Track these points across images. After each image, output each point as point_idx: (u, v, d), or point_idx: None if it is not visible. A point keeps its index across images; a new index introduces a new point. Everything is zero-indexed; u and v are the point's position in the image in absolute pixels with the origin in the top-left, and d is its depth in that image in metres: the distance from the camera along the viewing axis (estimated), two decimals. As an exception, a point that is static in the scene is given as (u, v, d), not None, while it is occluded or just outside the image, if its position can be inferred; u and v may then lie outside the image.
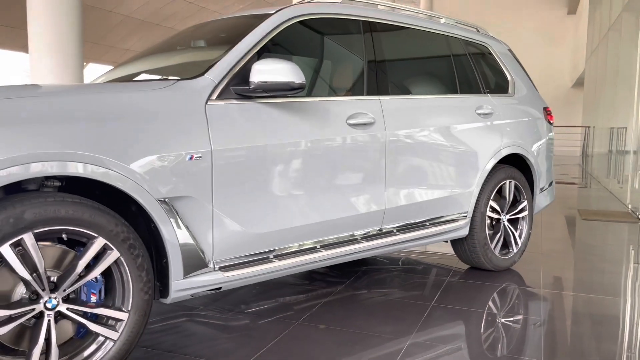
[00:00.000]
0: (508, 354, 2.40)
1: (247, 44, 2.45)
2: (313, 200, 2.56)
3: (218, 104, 2.27)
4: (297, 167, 2.48)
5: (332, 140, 2.62)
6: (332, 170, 2.63)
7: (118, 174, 1.91)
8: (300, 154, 2.49)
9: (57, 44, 6.27)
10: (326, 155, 2.60)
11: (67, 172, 1.80)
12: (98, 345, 1.95)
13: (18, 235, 1.72)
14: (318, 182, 2.57)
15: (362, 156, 2.76)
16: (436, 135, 3.17)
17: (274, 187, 2.40)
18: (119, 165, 1.91)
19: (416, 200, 3.07)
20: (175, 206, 2.08)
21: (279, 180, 2.42)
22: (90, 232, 1.87)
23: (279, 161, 2.41)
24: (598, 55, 12.62)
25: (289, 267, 2.50)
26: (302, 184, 2.51)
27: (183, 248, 2.11)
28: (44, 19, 6.21)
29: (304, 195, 2.52)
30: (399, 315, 2.85)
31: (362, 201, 2.78)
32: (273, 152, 2.38)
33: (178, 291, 2.14)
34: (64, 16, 6.27)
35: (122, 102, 2.03)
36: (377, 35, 3.05)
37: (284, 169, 2.43)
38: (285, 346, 2.43)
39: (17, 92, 1.91)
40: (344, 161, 2.68)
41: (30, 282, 1.78)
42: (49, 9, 6.21)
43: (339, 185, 2.67)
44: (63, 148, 1.79)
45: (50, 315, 1.83)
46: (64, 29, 6.31)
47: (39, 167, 1.74)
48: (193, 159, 2.12)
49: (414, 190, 3.05)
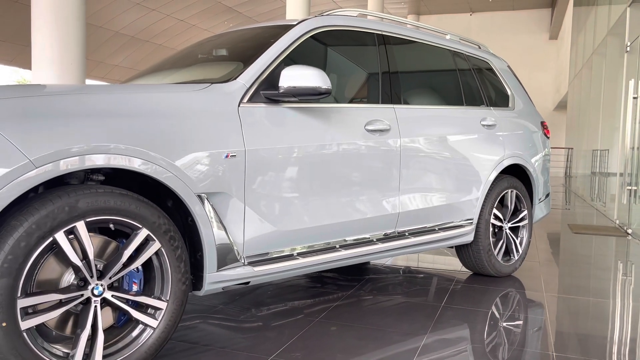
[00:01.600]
0: (518, 347, 2.52)
1: (274, 51, 2.59)
2: (335, 201, 2.68)
3: (249, 107, 2.39)
4: (320, 169, 2.60)
5: (352, 145, 2.75)
6: (352, 172, 2.75)
7: (163, 169, 2.01)
8: (324, 156, 2.62)
9: (59, 59, 6.35)
10: (347, 159, 2.72)
11: (116, 165, 1.90)
12: (139, 333, 2.03)
13: (72, 222, 1.81)
14: (339, 183, 2.69)
15: (379, 160, 2.89)
16: (445, 143, 3.32)
17: (299, 187, 2.52)
18: (164, 161, 2.01)
19: (427, 205, 3.20)
20: (211, 201, 2.18)
21: (304, 180, 2.54)
22: (135, 222, 1.96)
23: (304, 162, 2.53)
24: (581, 79, 13.04)
25: (311, 265, 2.60)
26: (325, 185, 2.63)
27: (217, 242, 2.21)
28: (47, 35, 6.30)
29: (326, 195, 2.64)
30: (412, 314, 2.96)
31: (378, 204, 2.90)
32: (299, 154, 2.50)
33: (211, 284, 2.23)
34: (67, 32, 6.37)
35: (165, 101, 2.15)
36: (390, 48, 3.21)
37: (308, 170, 2.55)
38: (308, 341, 2.52)
39: (73, 89, 2.01)
40: (362, 165, 2.81)
41: (81, 268, 1.86)
42: (52, 25, 6.31)
43: (358, 188, 2.79)
44: (114, 142, 1.89)
45: (96, 301, 1.91)
46: (68, 45, 6.41)
47: (92, 160, 1.83)
48: (228, 157, 2.23)
49: (425, 195, 3.18)
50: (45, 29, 6.32)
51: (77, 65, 6.49)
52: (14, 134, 1.71)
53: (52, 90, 2.01)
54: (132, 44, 23.80)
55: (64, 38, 6.33)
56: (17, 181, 1.68)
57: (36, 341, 1.79)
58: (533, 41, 24.21)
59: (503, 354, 2.44)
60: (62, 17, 6.32)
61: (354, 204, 2.78)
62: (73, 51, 6.41)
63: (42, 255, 1.80)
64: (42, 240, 1.75)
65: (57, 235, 1.78)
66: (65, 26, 6.33)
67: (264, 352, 2.36)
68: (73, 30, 6.41)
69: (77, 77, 6.50)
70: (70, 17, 6.38)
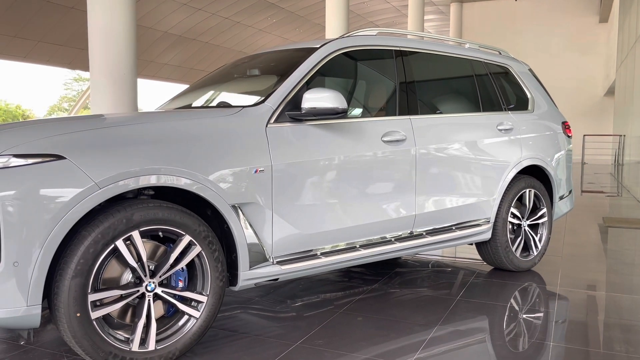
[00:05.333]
0: (529, 339, 2.79)
1: (298, 75, 2.93)
2: (354, 207, 3.01)
3: (276, 127, 2.75)
4: (340, 178, 2.94)
5: (369, 155, 3.07)
6: (369, 180, 3.07)
7: (202, 185, 2.40)
8: (343, 167, 2.95)
9: (113, 63, 6.91)
10: (365, 168, 3.05)
11: (165, 184, 2.30)
12: (184, 322, 2.44)
13: (129, 232, 2.23)
14: (358, 191, 3.02)
15: (395, 168, 3.20)
16: (460, 149, 3.58)
17: (322, 195, 2.86)
18: (203, 178, 2.40)
19: (443, 207, 3.48)
20: (243, 210, 2.56)
21: (326, 189, 2.88)
22: (180, 230, 2.36)
23: (326, 173, 2.87)
24: (627, 65, 12.76)
25: (333, 263, 2.95)
26: (345, 193, 2.96)
27: (249, 245, 2.59)
28: (102, 41, 6.85)
29: (346, 202, 2.97)
30: (428, 307, 3.26)
31: (395, 207, 3.21)
32: (321, 166, 2.84)
33: (245, 280, 2.62)
34: (119, 38, 6.91)
35: (203, 125, 2.54)
36: (408, 62, 3.50)
37: (329, 179, 2.89)
38: (331, 330, 2.87)
39: (127, 120, 2.43)
40: (379, 173, 3.12)
41: (137, 268, 2.28)
42: (106, 32, 6.85)
43: (375, 194, 3.11)
44: (164, 164, 2.29)
45: (149, 296, 2.33)
46: (119, 49, 6.94)
47: (145, 180, 2.24)
48: (257, 172, 2.60)
49: (440, 198, 3.47)
50: (99, 34, 6.87)
51: (129, 69, 7.02)
52: (82, 162, 2.13)
53: (110, 122, 2.42)
54: (180, 42, 24.67)
55: (117, 42, 6.86)
56: (86, 200, 2.11)
57: (103, 328, 2.22)
58: (582, 25, 23.49)
59: (516, 344, 2.72)
60: (115, 22, 6.85)
61: (372, 208, 3.10)
62: (123, 54, 6.94)
63: (106, 258, 2.22)
64: (106, 247, 2.18)
65: (117, 242, 2.20)
66: (117, 30, 6.87)
67: (292, 339, 2.73)
68: (124, 35, 6.93)
69: (129, 80, 7.03)
70: (122, 21, 6.90)
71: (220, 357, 2.53)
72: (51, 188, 2.07)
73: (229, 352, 2.59)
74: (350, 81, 3.43)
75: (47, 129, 2.23)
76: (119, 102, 6.95)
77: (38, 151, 2.11)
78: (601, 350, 2.66)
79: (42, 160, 2.09)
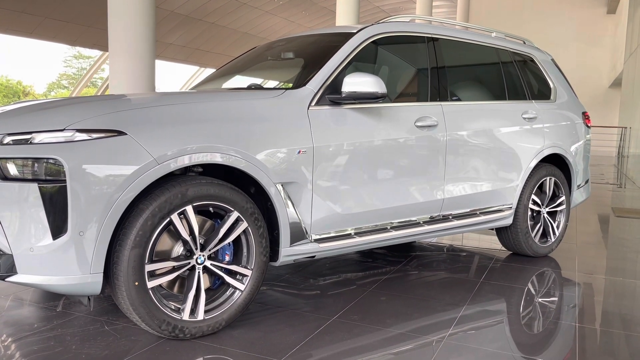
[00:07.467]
0: (545, 318, 2.91)
1: (337, 59, 3.01)
2: (387, 189, 3.11)
3: (316, 109, 2.83)
4: (375, 161, 3.03)
5: (403, 139, 3.16)
6: (402, 164, 3.17)
7: (249, 163, 2.49)
8: (379, 150, 3.04)
9: (133, 43, 6.96)
10: (398, 152, 3.14)
11: (217, 161, 2.39)
12: (230, 294, 2.55)
13: (183, 206, 2.32)
14: (391, 174, 3.12)
15: (427, 153, 3.29)
16: (487, 136, 3.67)
17: (357, 177, 2.96)
18: (250, 157, 2.49)
19: (469, 192, 3.58)
20: (286, 189, 2.66)
21: (362, 171, 2.97)
22: (229, 207, 2.46)
23: (362, 156, 2.96)
24: (637, 56, 12.79)
25: (366, 243, 3.05)
26: (379, 175, 3.06)
27: (290, 223, 2.69)
28: (123, 22, 6.90)
29: (380, 184, 3.07)
30: (454, 288, 3.38)
31: (425, 191, 3.31)
32: (358, 149, 2.93)
33: (285, 256, 2.72)
34: (139, 18, 6.96)
35: (251, 107, 2.62)
36: (439, 49, 3.57)
37: (365, 162, 2.98)
38: (364, 307, 2.99)
39: (182, 99, 2.51)
40: (412, 157, 3.21)
41: (189, 241, 2.38)
42: (127, 13, 6.90)
43: (407, 177, 3.21)
44: (217, 143, 2.38)
45: (199, 268, 2.43)
46: (139, 30, 6.99)
47: (199, 157, 2.33)
48: (300, 153, 2.69)
49: (467, 184, 3.57)
50: (119, 14, 6.91)
51: (148, 50, 7.07)
52: (142, 138, 2.21)
53: (166, 100, 2.50)
54: (186, 22, 24.53)
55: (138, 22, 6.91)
56: (145, 174, 2.20)
57: (158, 297, 2.33)
58: (589, 15, 23.43)
59: (535, 324, 2.84)
60: (135, 2, 6.88)
61: (404, 191, 3.20)
62: (142, 34, 6.98)
63: (161, 231, 2.32)
64: (162, 220, 2.27)
65: (172, 216, 2.30)
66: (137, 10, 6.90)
67: (328, 314, 2.85)
68: (142, 15, 6.97)
69: (147, 60, 7.08)
70: (142, 2, 6.94)
71: (263, 327, 2.64)
72: (113, 163, 2.16)
73: (270, 323, 2.70)
74: (384, 66, 3.50)
75: (107, 105, 2.31)
76: (137, 82, 7.01)
77: (100, 126, 2.19)
78: (622, 332, 2.78)
79: (105, 136, 2.18)
